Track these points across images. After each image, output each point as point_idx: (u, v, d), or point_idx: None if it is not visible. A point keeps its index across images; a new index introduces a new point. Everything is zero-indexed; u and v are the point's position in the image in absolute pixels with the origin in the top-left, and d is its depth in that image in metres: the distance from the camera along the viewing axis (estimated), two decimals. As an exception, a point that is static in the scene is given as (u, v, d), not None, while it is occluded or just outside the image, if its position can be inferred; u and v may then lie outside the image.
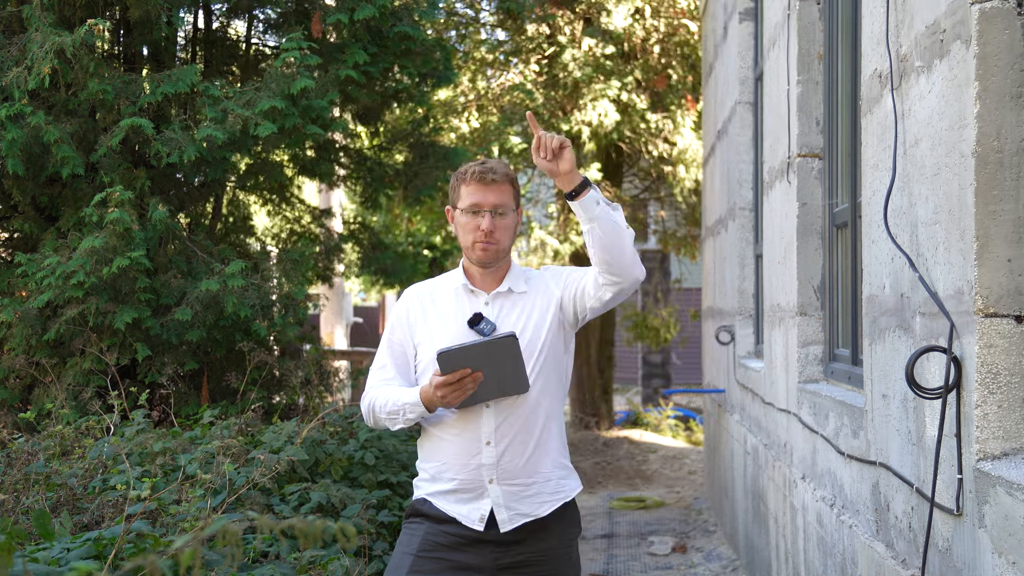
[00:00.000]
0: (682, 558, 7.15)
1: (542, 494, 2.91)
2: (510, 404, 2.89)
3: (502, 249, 2.94)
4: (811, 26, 4.48)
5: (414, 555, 2.89)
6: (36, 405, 5.59)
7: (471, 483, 2.89)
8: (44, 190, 6.06)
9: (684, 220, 13.93)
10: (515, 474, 2.89)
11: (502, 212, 2.92)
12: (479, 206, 2.91)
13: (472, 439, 2.89)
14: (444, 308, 2.98)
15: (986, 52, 2.27)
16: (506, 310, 2.95)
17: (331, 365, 7.38)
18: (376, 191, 7.68)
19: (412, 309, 3.02)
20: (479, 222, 2.91)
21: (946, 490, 2.49)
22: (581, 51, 11.28)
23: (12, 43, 5.75)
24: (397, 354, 3.02)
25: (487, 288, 2.99)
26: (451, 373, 2.74)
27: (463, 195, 2.94)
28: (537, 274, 3.04)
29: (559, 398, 3.00)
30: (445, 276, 3.07)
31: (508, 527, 2.88)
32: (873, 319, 3.19)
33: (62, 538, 2.95)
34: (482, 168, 2.93)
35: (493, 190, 2.91)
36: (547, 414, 2.94)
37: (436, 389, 2.77)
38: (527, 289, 2.98)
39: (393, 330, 3.04)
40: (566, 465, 3.00)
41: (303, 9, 6.80)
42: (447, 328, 2.94)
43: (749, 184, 6.65)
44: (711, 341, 8.41)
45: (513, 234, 2.98)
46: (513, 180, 2.97)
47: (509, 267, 3.02)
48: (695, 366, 16.17)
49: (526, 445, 2.90)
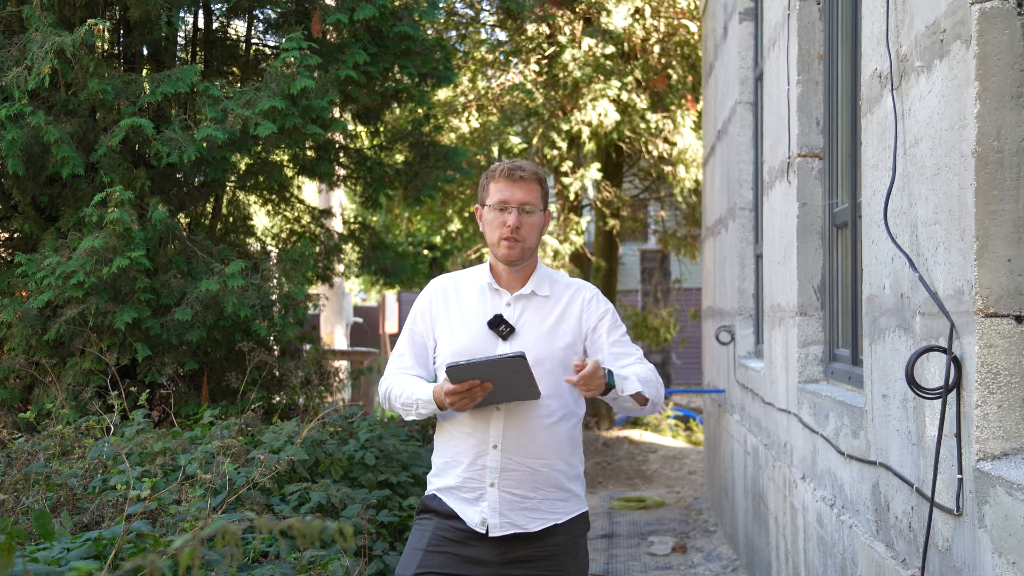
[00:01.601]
0: (682, 558, 7.15)
1: (538, 511, 2.92)
2: (520, 411, 2.89)
3: (528, 247, 2.96)
4: (811, 26, 4.48)
5: (424, 550, 2.92)
6: (36, 405, 5.59)
7: (473, 482, 2.91)
8: (44, 190, 6.06)
9: (684, 220, 13.94)
10: (517, 483, 2.90)
11: (529, 210, 2.94)
12: (506, 202, 2.93)
13: (480, 440, 2.91)
14: (467, 305, 3.00)
15: (986, 52, 2.27)
16: (528, 313, 2.96)
17: (331, 365, 7.38)
18: (376, 191, 7.68)
19: (435, 302, 3.04)
20: (505, 218, 2.93)
21: (946, 490, 2.49)
22: (581, 51, 11.28)
23: (12, 43, 5.75)
24: (417, 344, 3.05)
25: (511, 288, 3.00)
26: (460, 383, 2.77)
27: (491, 192, 2.97)
28: (565, 281, 3.04)
29: (573, 410, 2.98)
30: (472, 271, 3.09)
31: (498, 533, 2.89)
32: (873, 319, 3.19)
33: (62, 538, 2.95)
34: (511, 165, 2.97)
35: (521, 187, 2.94)
36: (558, 424, 2.94)
37: (446, 396, 2.81)
38: (550, 294, 3.00)
39: (415, 321, 3.06)
40: (569, 488, 2.98)
41: (303, 9, 6.80)
42: (468, 326, 2.96)
43: (749, 184, 6.64)
44: (711, 341, 8.41)
45: (539, 233, 2.99)
46: (542, 180, 2.99)
47: (535, 268, 3.03)
48: (695, 366, 16.17)
49: (533, 455, 2.90)
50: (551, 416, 2.93)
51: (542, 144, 11.62)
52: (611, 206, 12.96)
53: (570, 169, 12.02)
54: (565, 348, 2.95)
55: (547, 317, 2.96)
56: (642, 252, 17.67)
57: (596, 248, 13.78)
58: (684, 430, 13.96)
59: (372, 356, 10.90)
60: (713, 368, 8.49)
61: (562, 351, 2.94)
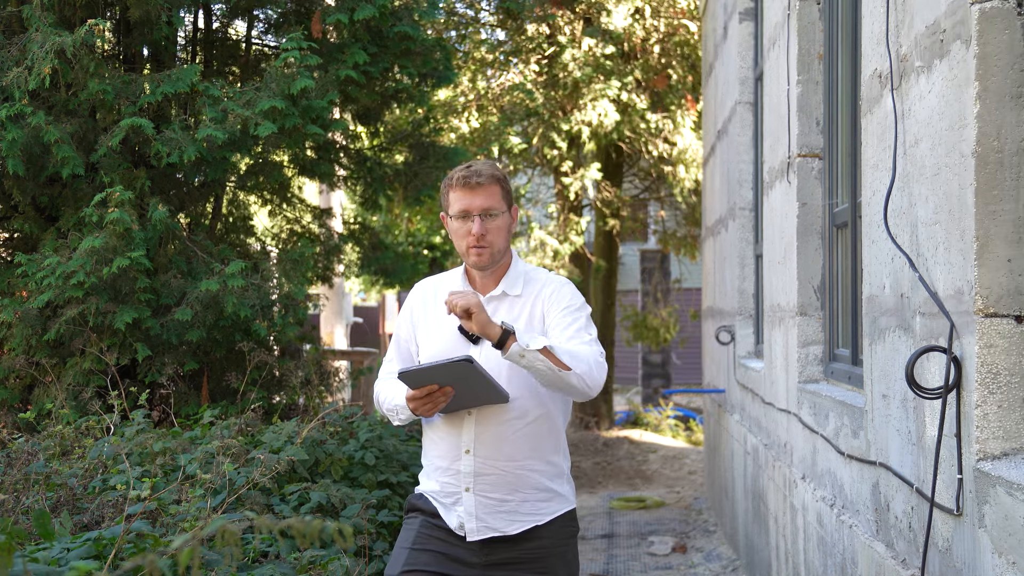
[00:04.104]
0: (682, 558, 7.15)
1: (517, 513, 2.89)
2: (492, 415, 2.86)
3: (496, 251, 2.92)
4: (811, 26, 4.48)
5: (409, 548, 2.93)
6: (36, 405, 5.59)
7: (450, 487, 2.91)
8: (44, 190, 6.06)
9: (684, 220, 13.94)
10: (493, 487, 2.87)
11: (492, 214, 2.89)
12: (467, 211, 2.89)
13: (453, 445, 2.90)
14: (443, 309, 2.97)
15: (986, 52, 2.27)
16: (499, 314, 2.91)
17: (331, 365, 7.38)
18: (376, 191, 7.68)
19: (416, 306, 3.05)
20: (469, 227, 2.89)
21: (946, 490, 2.49)
22: (581, 51, 11.28)
23: (12, 43, 5.75)
24: (403, 350, 3.07)
25: (484, 290, 2.97)
26: (418, 388, 2.78)
27: (452, 201, 2.93)
28: (539, 278, 2.99)
29: (551, 409, 2.92)
30: (449, 274, 3.08)
31: (475, 537, 2.88)
32: (873, 319, 3.19)
33: (62, 538, 2.95)
34: (466, 172, 2.90)
35: (480, 193, 2.89)
36: (534, 425, 2.89)
37: (408, 402, 2.82)
38: (522, 293, 2.95)
39: (400, 326, 3.09)
40: (550, 488, 2.93)
41: (303, 9, 6.80)
42: (442, 329, 2.96)
43: (749, 184, 6.65)
44: (711, 341, 8.41)
45: (507, 234, 2.94)
46: (501, 179, 2.93)
47: (509, 267, 2.99)
48: (695, 366, 16.16)
49: (507, 457, 2.87)
50: (524, 417, 2.88)
51: (542, 144, 11.62)
52: (611, 206, 12.97)
53: (570, 169, 12.02)
54: None
55: (518, 318, 2.91)
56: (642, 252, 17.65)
57: (596, 248, 13.78)
58: (684, 430, 13.96)
59: (372, 356, 10.90)
60: (713, 368, 8.49)
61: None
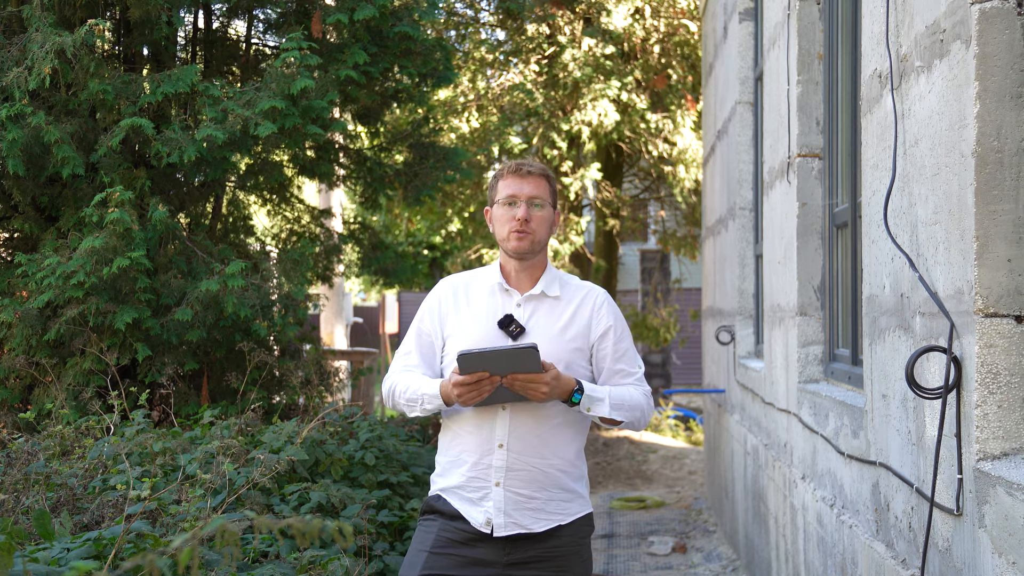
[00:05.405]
0: (682, 558, 7.15)
1: (543, 511, 2.93)
2: (527, 410, 2.90)
3: (537, 240, 2.98)
4: (811, 26, 4.48)
5: (428, 551, 2.92)
6: (36, 405, 5.59)
7: (478, 481, 2.92)
8: (44, 190, 6.06)
9: (684, 220, 13.94)
10: (523, 482, 2.91)
11: (538, 204, 2.98)
12: (515, 196, 2.97)
13: (486, 439, 2.92)
14: (477, 304, 3.01)
15: (986, 52, 2.27)
16: (538, 314, 2.98)
17: (331, 365, 7.38)
18: (376, 191, 7.68)
19: (445, 301, 3.06)
20: (515, 212, 2.96)
21: (946, 490, 2.49)
22: (581, 51, 11.28)
23: (12, 43, 5.75)
24: (424, 343, 3.06)
25: (521, 289, 3.01)
26: (469, 374, 2.78)
27: (500, 189, 3.01)
28: (576, 284, 3.06)
29: (582, 415, 2.97)
30: (482, 271, 3.10)
31: (502, 533, 2.90)
32: (873, 319, 3.19)
33: (62, 538, 2.95)
34: (519, 163, 3.02)
35: (529, 182, 2.98)
36: (564, 426, 2.95)
37: (454, 387, 2.82)
38: (560, 295, 3.01)
39: (423, 319, 3.08)
40: (574, 489, 2.99)
41: (303, 9, 6.80)
42: (478, 325, 2.97)
43: (749, 184, 6.65)
44: (711, 341, 8.41)
45: (549, 229, 3.01)
46: (550, 178, 3.03)
47: (545, 268, 3.05)
48: (695, 366, 16.16)
49: (539, 455, 2.91)
50: (556, 416, 2.93)
51: (542, 144, 11.62)
52: (611, 206, 12.97)
53: (570, 169, 12.02)
54: (573, 351, 2.96)
55: (557, 319, 2.98)
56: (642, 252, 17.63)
57: (596, 248, 13.78)
58: (684, 430, 13.96)
59: (372, 356, 10.90)
60: (713, 368, 8.49)
61: (570, 354, 2.95)
